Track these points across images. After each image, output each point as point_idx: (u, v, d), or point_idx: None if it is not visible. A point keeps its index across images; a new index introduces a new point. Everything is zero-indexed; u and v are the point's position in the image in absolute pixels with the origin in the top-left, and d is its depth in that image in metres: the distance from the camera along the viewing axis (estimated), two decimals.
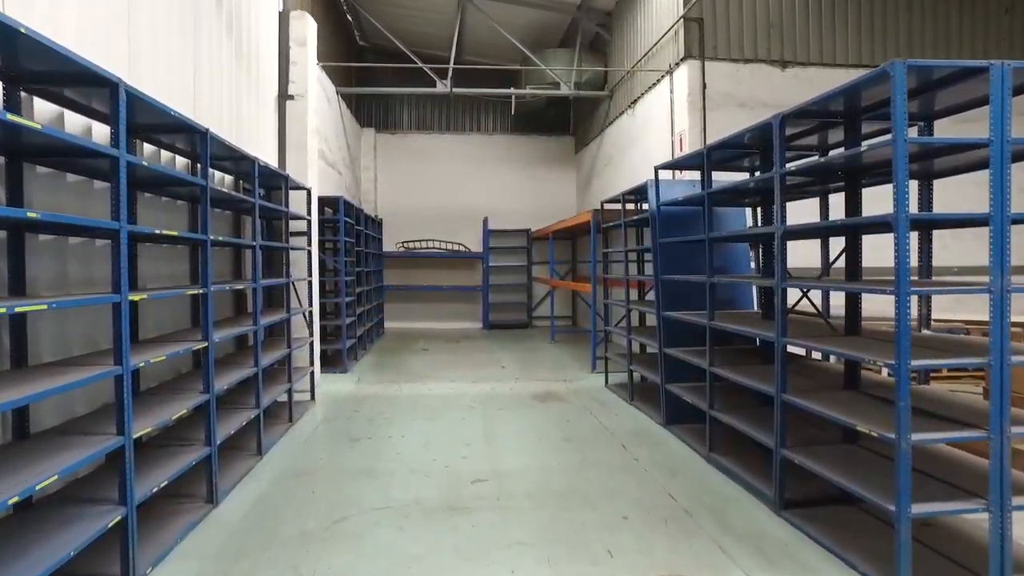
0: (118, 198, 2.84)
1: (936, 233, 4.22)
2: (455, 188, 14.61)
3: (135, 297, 3.15)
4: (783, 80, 8.15)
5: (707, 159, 4.76)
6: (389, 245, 14.19)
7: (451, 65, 10.82)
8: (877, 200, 3.79)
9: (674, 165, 5.79)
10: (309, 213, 6.90)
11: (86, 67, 2.64)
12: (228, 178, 5.81)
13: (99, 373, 2.82)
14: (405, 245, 14.26)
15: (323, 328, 9.20)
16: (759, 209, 5.73)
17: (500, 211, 14.52)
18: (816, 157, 4.67)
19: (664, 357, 5.75)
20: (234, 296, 6.60)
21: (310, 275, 6.98)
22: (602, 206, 8.00)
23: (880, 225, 3.09)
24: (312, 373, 6.93)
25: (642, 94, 9.77)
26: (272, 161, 7.24)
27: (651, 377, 6.22)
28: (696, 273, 5.78)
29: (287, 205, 5.86)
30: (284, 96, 7.43)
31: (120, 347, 2.93)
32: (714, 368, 4.71)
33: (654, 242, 6.03)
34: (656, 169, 5.79)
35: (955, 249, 7.04)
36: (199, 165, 4.29)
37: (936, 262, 4.19)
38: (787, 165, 3.84)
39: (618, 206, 7.71)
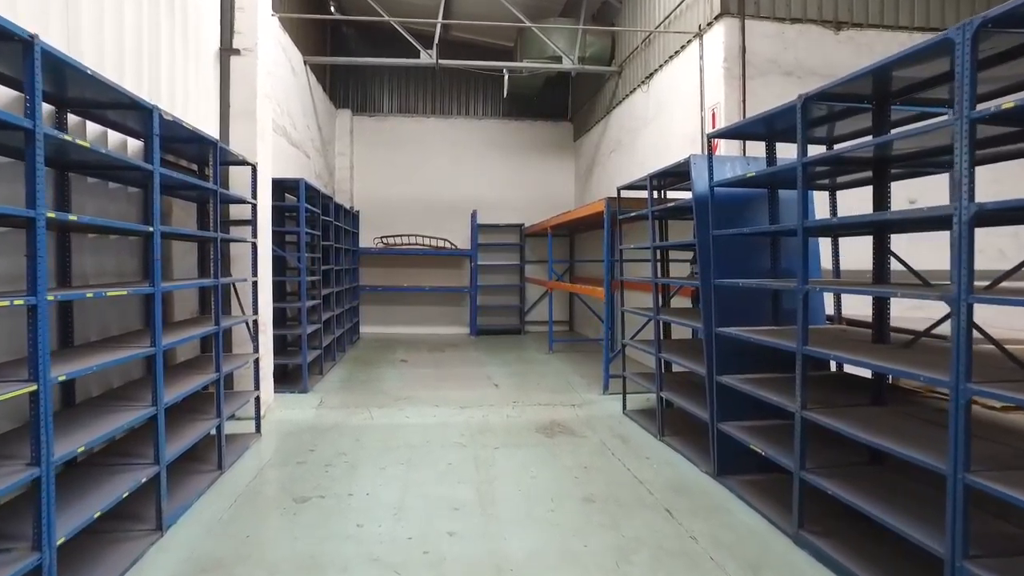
0: None
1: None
2: (440, 178, 13.13)
3: None
4: (836, 44, 6.80)
5: (803, 114, 3.35)
6: (366, 240, 12.68)
7: (438, 25, 9.35)
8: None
9: (738, 132, 4.39)
10: (254, 195, 5.41)
11: None
12: (135, 144, 4.31)
13: None
14: (384, 241, 12.77)
15: (282, 339, 7.70)
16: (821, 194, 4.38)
17: (490, 204, 13.08)
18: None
19: (716, 387, 4.35)
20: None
21: (255, 274, 5.48)
22: (619, 193, 6.59)
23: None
24: (257, 399, 5.45)
25: (660, 66, 8.39)
26: (212, 132, 5.73)
27: (691, 409, 4.82)
28: (753, 275, 4.42)
29: (217, 182, 4.36)
30: (227, 50, 5.92)
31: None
32: (811, 414, 3.30)
33: (700, 236, 4.64)
34: (709, 138, 4.40)
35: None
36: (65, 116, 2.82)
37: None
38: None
39: (638, 194, 6.34)
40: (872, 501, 2.96)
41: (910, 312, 5.72)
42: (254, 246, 5.44)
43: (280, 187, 7.50)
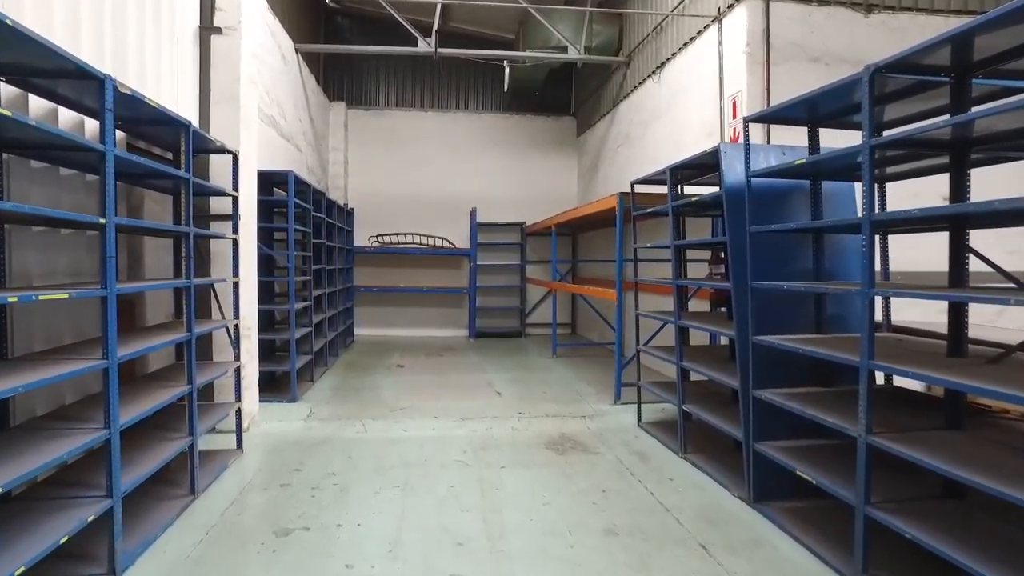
0: None
1: None
2: (438, 174, 12.62)
3: None
4: (867, 29, 6.32)
5: (870, 89, 2.85)
6: (361, 239, 12.17)
7: (437, 9, 8.84)
8: None
9: (776, 116, 3.88)
10: (236, 187, 4.89)
11: None
12: (95, 125, 3.79)
13: None
14: (380, 239, 12.25)
15: (270, 344, 7.19)
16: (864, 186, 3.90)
17: (490, 201, 12.57)
18: None
19: (753, 403, 3.85)
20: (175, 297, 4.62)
21: (236, 274, 4.97)
22: (632, 188, 6.10)
23: None
24: (239, 411, 4.93)
25: (673, 54, 7.90)
26: (191, 118, 5.22)
27: (720, 426, 4.34)
28: (793, 276, 3.94)
29: (189, 169, 3.85)
30: (208, 28, 5.40)
31: None
32: (880, 440, 2.81)
33: (732, 233, 4.16)
34: (746, 122, 3.90)
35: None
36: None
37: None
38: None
39: (652, 188, 5.87)
40: (956, 544, 2.48)
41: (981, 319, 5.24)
42: (235, 243, 4.93)
43: (268, 181, 7.00)
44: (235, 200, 4.88)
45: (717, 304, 6.49)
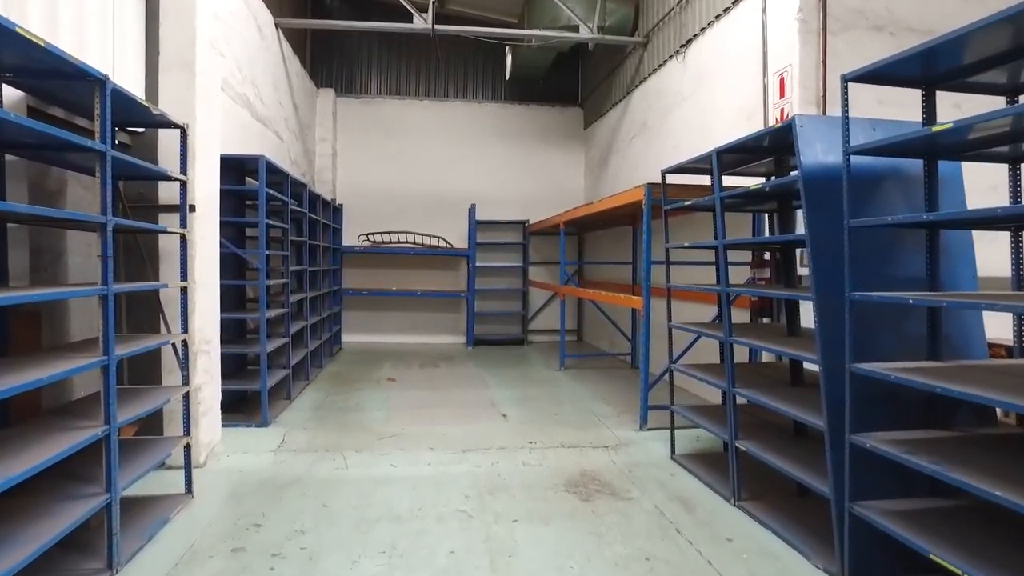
0: None
1: None
2: (435, 168, 11.68)
3: None
4: None
5: None
6: (350, 238, 11.21)
7: None
8: None
9: (880, 73, 2.94)
10: (184, 169, 3.93)
11: None
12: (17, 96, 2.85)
13: None
14: (370, 238, 11.30)
15: (240, 358, 6.23)
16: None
17: (490, 198, 11.63)
18: None
19: (850, 452, 2.93)
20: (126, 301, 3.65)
21: (185, 278, 4.00)
22: (663, 178, 5.17)
23: None
24: (187, 448, 3.97)
25: (702, 29, 6.99)
26: (135, 90, 4.27)
27: (792, 472, 3.42)
28: (895, 285, 3.05)
29: (107, 140, 2.89)
30: None
31: None
32: None
33: (812, 228, 3.24)
34: (844, 81, 2.97)
35: None
36: None
37: None
38: None
39: (684, 179, 4.99)
40: None
41: None
42: (183, 239, 3.97)
43: (238, 167, 6.05)
44: (184, 186, 3.92)
45: (759, 314, 5.59)
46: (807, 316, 4.53)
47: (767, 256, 5.64)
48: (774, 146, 4.05)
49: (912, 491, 2.99)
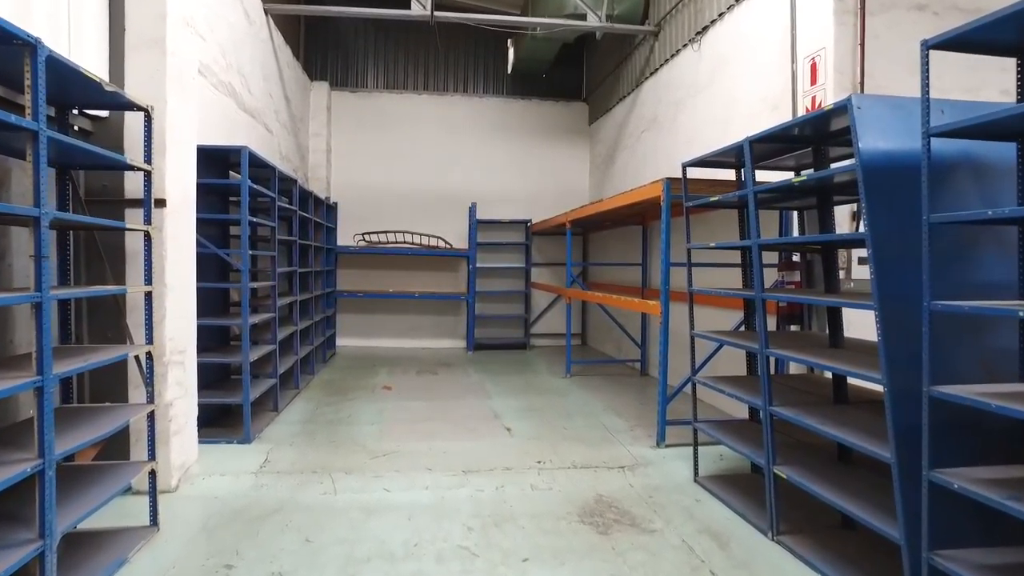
0: None
1: None
2: (434, 165, 11.21)
3: None
4: None
5: None
6: (345, 237, 10.74)
7: None
8: None
9: (970, 38, 2.47)
10: (149, 158, 3.45)
11: None
12: None
13: None
14: (366, 238, 10.82)
15: (222, 368, 5.75)
16: None
17: (491, 196, 11.17)
18: None
19: (929, 491, 2.46)
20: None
21: (149, 282, 3.52)
22: (684, 172, 4.70)
23: None
24: (152, 474, 3.49)
25: (720, 14, 6.53)
26: (99, 71, 3.81)
27: (849, 509, 2.96)
28: (974, 291, 2.58)
29: (37, 116, 2.40)
30: None
31: None
32: None
33: (874, 225, 2.77)
34: (926, 48, 2.51)
35: None
36: None
37: None
38: None
39: (706, 174, 4.55)
40: None
41: None
42: (148, 238, 3.49)
43: (223, 161, 5.58)
44: (148, 176, 3.44)
45: (788, 320, 5.12)
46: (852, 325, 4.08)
47: (795, 258, 5.20)
48: (815, 134, 3.59)
49: (997, 538, 2.53)
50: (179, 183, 4.22)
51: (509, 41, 10.79)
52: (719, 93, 6.60)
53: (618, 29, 8.36)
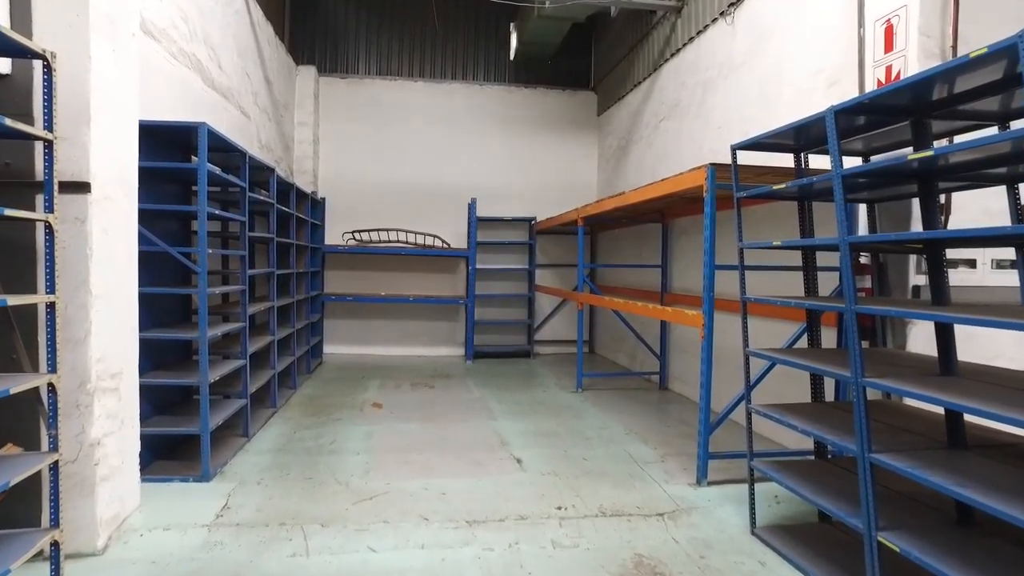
0: None
1: None
2: (430, 158, 10.35)
3: None
4: None
5: None
6: (334, 236, 9.87)
7: None
8: None
9: None
10: (49, 124, 2.58)
11: None
12: None
13: None
14: (357, 237, 9.95)
15: (182, 390, 4.86)
16: None
17: (492, 192, 10.32)
18: None
19: None
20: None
21: (51, 289, 2.65)
22: (734, 156, 3.86)
23: None
24: (55, 546, 2.62)
25: None
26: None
27: None
28: None
29: None
30: None
31: None
32: None
33: None
34: None
35: None
36: None
37: None
38: None
39: (759, 158, 3.74)
40: None
41: None
42: (50, 230, 2.62)
43: (183, 144, 4.72)
44: (50, 147, 2.58)
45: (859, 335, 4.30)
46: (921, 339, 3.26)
47: (862, 260, 4.40)
48: (914, 103, 2.75)
49: None
50: (113, 163, 3.35)
51: (512, 25, 9.95)
52: (759, 71, 5.77)
53: (636, 3, 7.51)
